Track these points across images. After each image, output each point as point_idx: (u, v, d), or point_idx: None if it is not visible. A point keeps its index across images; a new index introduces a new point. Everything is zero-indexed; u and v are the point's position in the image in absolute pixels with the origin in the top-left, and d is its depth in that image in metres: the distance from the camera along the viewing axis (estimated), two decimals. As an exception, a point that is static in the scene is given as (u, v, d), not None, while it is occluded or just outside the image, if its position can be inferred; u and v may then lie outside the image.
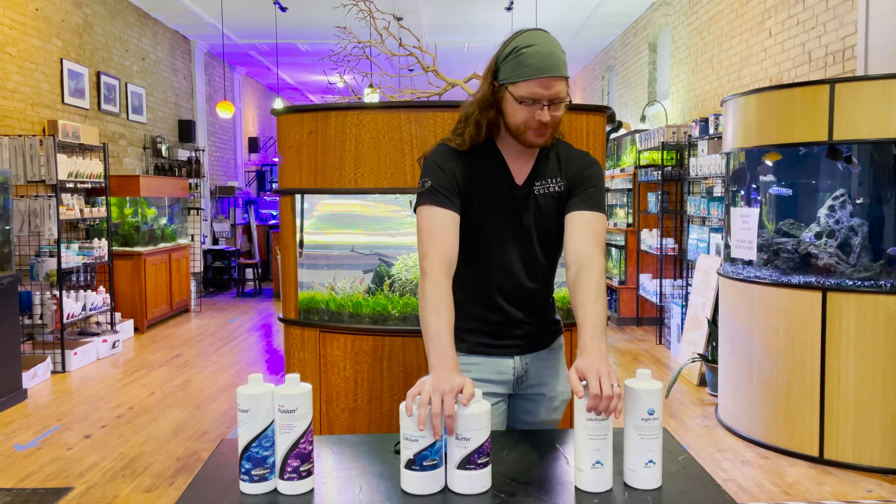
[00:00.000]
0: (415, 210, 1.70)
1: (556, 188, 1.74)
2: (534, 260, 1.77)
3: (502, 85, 1.64)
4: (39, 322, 5.45)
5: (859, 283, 3.55)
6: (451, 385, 1.36)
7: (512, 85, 1.61)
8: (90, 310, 6.08)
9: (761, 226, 4.04)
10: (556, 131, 1.73)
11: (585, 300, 1.57)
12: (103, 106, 7.45)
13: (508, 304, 1.77)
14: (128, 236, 7.41)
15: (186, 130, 9.67)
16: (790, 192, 4.03)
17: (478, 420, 1.33)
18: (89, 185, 6.41)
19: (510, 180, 1.73)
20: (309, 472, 1.35)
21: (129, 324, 6.91)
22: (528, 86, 1.59)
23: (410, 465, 1.32)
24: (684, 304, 6.01)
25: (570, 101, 1.68)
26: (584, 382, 1.37)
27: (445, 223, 1.64)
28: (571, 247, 1.66)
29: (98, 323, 6.42)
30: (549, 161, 1.75)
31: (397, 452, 1.40)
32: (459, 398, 1.35)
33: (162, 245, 7.83)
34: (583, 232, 1.67)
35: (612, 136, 8.35)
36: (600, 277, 1.60)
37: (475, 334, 1.79)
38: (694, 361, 5.00)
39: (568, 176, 1.74)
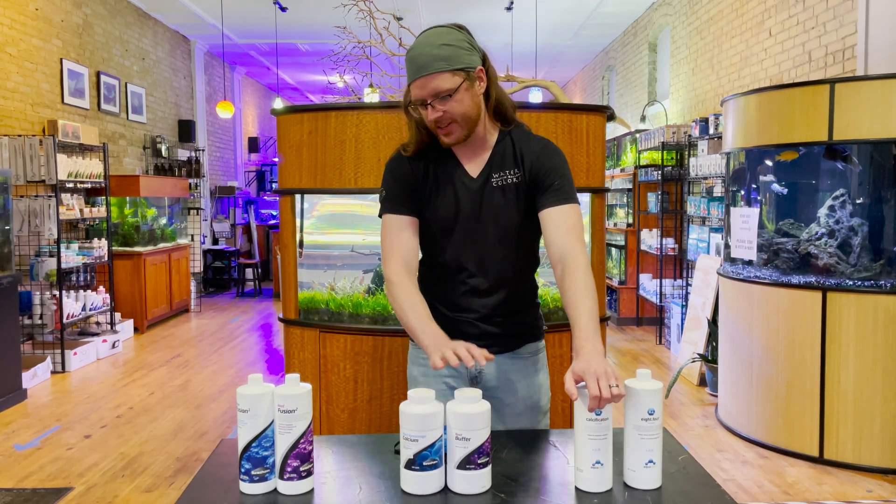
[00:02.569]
0: (380, 216, 1.78)
1: (514, 179, 1.70)
2: (495, 255, 1.73)
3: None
4: (39, 322, 5.45)
5: (859, 283, 3.55)
6: (451, 348, 1.49)
7: (408, 92, 1.66)
8: (90, 310, 6.08)
9: (761, 226, 4.04)
10: (468, 125, 1.66)
11: (575, 298, 1.55)
12: (103, 106, 7.45)
13: (462, 300, 1.74)
14: (128, 236, 7.41)
15: (186, 130, 9.67)
16: (785, 190, 4.03)
17: (478, 420, 1.33)
18: (89, 185, 6.41)
19: (463, 173, 1.72)
20: (309, 472, 1.35)
21: (129, 324, 6.91)
22: (412, 90, 1.63)
23: (410, 465, 1.32)
24: (684, 304, 6.01)
25: (460, 87, 1.60)
26: (582, 384, 1.37)
27: (400, 226, 1.72)
28: (552, 245, 1.64)
29: (98, 323, 6.42)
30: (504, 152, 1.72)
31: (397, 452, 1.40)
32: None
33: (162, 245, 7.83)
34: (560, 228, 1.64)
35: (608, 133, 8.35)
36: (586, 273, 1.58)
37: None
38: (694, 361, 5.00)
39: (527, 168, 1.70)
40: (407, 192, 1.73)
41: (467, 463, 1.32)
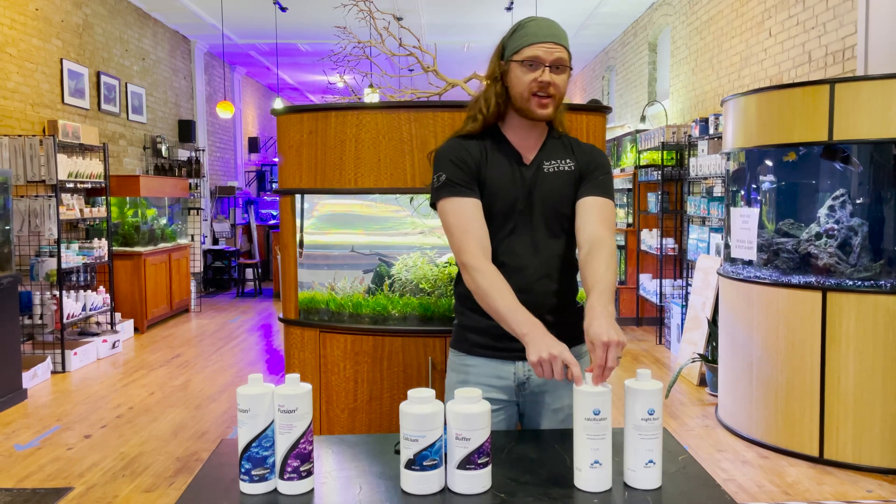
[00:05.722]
0: (433, 205, 1.73)
1: (567, 167, 1.76)
2: (547, 247, 1.73)
3: (508, 60, 1.72)
4: (39, 322, 5.45)
5: (859, 283, 3.55)
6: (551, 353, 1.42)
7: (516, 54, 1.71)
8: (90, 310, 6.08)
9: (761, 226, 4.04)
10: (559, 107, 1.75)
11: (595, 269, 1.58)
12: (103, 106, 7.45)
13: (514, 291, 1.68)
14: (128, 236, 7.41)
15: (186, 130, 9.67)
16: (772, 184, 4.03)
17: (478, 420, 1.33)
18: (89, 185, 6.41)
19: (518, 159, 1.75)
20: (309, 472, 1.35)
21: (129, 324, 6.91)
22: (530, 49, 1.69)
23: (410, 465, 1.32)
24: (684, 304, 6.01)
25: (571, 70, 1.75)
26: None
27: (471, 212, 1.66)
28: (583, 230, 1.69)
29: (98, 323, 6.42)
30: (557, 145, 1.79)
31: (397, 452, 1.40)
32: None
33: (162, 245, 7.82)
34: (594, 216, 1.69)
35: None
36: (612, 255, 1.62)
37: (476, 333, 1.75)
38: (694, 361, 5.00)
39: (579, 161, 1.77)
40: (469, 174, 1.70)
41: (467, 463, 1.32)
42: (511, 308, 1.55)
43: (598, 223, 1.67)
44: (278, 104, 9.70)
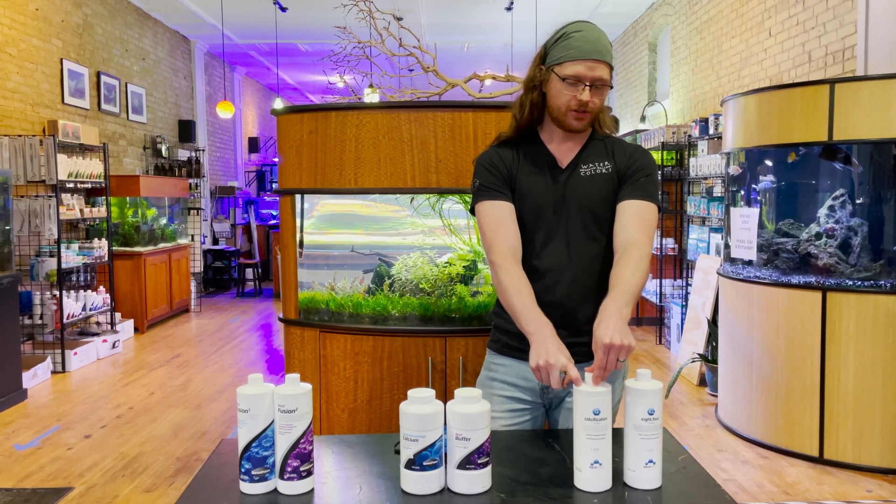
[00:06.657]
0: (472, 211, 1.79)
1: (604, 170, 1.74)
2: (583, 251, 1.72)
3: (549, 68, 1.72)
4: (39, 322, 5.45)
5: (859, 283, 3.55)
6: (548, 360, 1.44)
7: (557, 66, 1.70)
8: (90, 310, 6.08)
9: (761, 226, 4.04)
10: (596, 119, 1.76)
11: (621, 272, 1.57)
12: (103, 106, 7.45)
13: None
14: (128, 236, 7.41)
15: (186, 130, 9.67)
16: (774, 185, 4.03)
17: (478, 420, 1.33)
18: (89, 185, 6.41)
19: (553, 163, 1.76)
20: (309, 472, 1.35)
21: (129, 324, 6.90)
22: (572, 66, 1.68)
23: (410, 465, 1.32)
24: (684, 304, 6.01)
25: (612, 87, 1.74)
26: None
27: (503, 214, 1.72)
28: (619, 234, 1.68)
29: (98, 323, 6.42)
30: (598, 147, 1.78)
31: (397, 452, 1.40)
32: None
33: (162, 245, 7.83)
34: (632, 220, 1.68)
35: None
36: (642, 258, 1.60)
37: (506, 335, 1.78)
38: (694, 361, 5.00)
39: (619, 164, 1.75)
40: (501, 179, 1.75)
41: (467, 463, 1.32)
42: (526, 306, 1.59)
43: (634, 227, 1.66)
44: (278, 104, 9.71)
